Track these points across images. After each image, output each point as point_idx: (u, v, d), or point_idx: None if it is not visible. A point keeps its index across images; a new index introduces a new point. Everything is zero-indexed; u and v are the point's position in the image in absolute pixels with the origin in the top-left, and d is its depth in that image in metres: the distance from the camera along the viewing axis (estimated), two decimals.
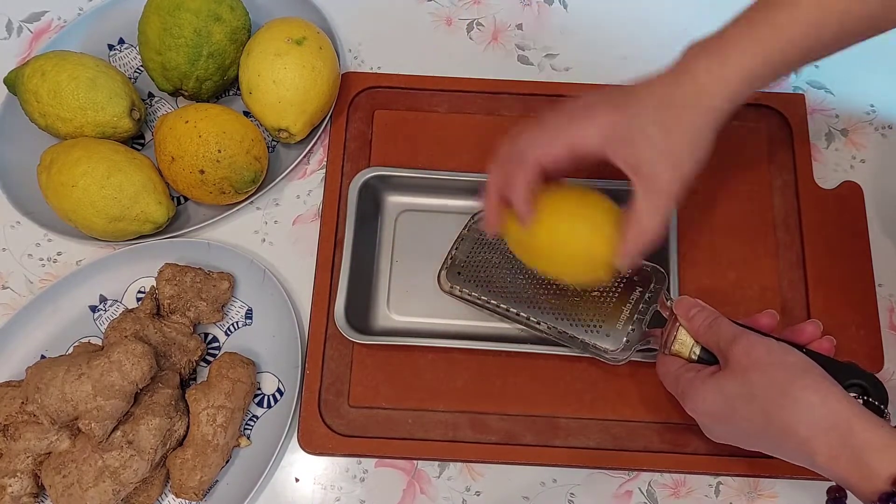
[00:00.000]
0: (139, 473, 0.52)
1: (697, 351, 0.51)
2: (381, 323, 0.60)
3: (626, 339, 0.54)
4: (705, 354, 0.50)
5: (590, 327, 0.54)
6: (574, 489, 0.56)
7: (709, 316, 0.50)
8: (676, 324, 0.51)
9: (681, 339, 0.51)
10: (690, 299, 0.51)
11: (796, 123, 0.65)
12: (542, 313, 0.55)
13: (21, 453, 0.53)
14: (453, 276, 0.58)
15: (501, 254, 0.58)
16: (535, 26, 0.71)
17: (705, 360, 0.50)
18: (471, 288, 0.57)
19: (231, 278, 0.60)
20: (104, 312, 0.60)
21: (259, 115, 0.62)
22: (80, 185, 0.57)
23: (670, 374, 0.51)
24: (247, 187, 0.61)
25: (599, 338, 0.54)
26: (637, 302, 0.55)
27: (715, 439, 0.51)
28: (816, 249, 0.61)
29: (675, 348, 0.51)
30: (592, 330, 0.54)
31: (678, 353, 0.51)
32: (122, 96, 0.62)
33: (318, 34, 0.63)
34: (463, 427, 0.57)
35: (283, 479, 0.57)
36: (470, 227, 0.59)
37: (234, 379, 0.55)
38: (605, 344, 0.54)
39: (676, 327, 0.51)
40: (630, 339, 0.54)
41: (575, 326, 0.55)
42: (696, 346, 0.51)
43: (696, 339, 0.51)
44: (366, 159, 0.64)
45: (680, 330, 0.51)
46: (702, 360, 0.51)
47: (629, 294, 0.55)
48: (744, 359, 0.46)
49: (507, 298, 0.56)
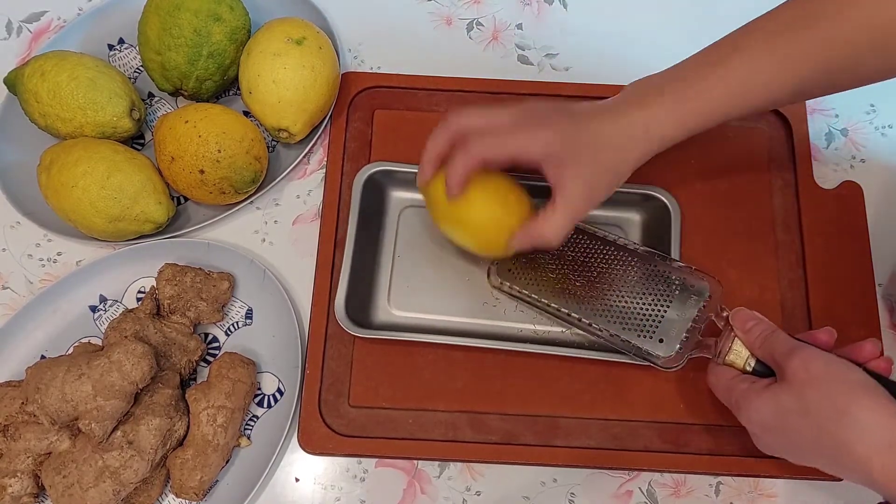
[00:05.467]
0: (139, 473, 0.52)
1: (752, 363, 0.50)
2: (382, 318, 0.60)
3: (679, 347, 0.53)
4: (760, 367, 0.50)
5: (643, 332, 0.54)
6: (574, 489, 0.56)
7: (766, 328, 0.50)
8: (732, 334, 0.51)
9: (736, 350, 0.51)
10: (748, 311, 0.52)
11: (796, 123, 0.65)
12: (594, 315, 0.55)
13: (21, 453, 0.53)
14: (503, 272, 0.57)
15: (553, 253, 0.57)
16: (535, 26, 0.71)
17: (759, 373, 0.50)
18: (521, 285, 0.57)
19: (231, 278, 0.60)
20: (104, 312, 0.60)
21: (259, 115, 0.62)
22: (80, 185, 0.57)
23: (723, 384, 0.51)
24: (247, 187, 0.61)
25: (652, 343, 0.54)
26: (692, 309, 0.54)
27: (765, 451, 0.51)
28: (816, 249, 0.61)
29: (730, 359, 0.51)
30: (645, 335, 0.54)
31: (732, 363, 0.51)
32: (122, 96, 0.62)
33: (318, 34, 0.63)
34: (463, 427, 0.57)
35: (283, 479, 0.57)
36: None
37: (234, 379, 0.55)
38: (658, 350, 0.53)
39: (732, 338, 0.51)
40: (683, 346, 0.53)
41: (627, 330, 0.54)
42: (751, 359, 0.51)
43: (752, 351, 0.51)
44: (366, 159, 0.64)
45: (735, 341, 0.51)
46: (756, 373, 0.50)
47: (684, 301, 0.54)
48: (801, 373, 0.46)
49: (558, 297, 0.56)
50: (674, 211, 0.60)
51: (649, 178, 0.62)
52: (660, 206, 0.61)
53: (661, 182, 0.62)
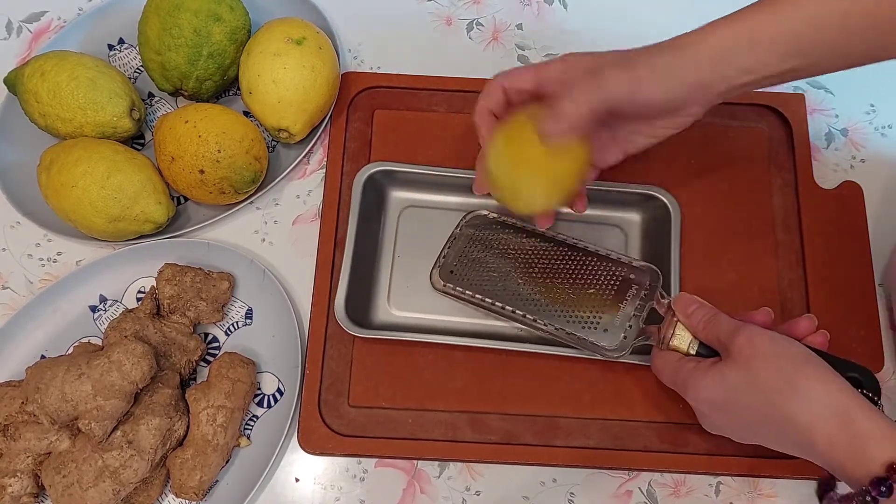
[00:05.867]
0: (139, 473, 0.52)
1: (696, 346, 0.51)
2: (382, 317, 0.60)
3: (623, 336, 0.54)
4: (703, 350, 0.51)
5: (587, 324, 0.55)
6: (574, 489, 0.56)
7: (708, 312, 0.51)
8: (674, 320, 0.52)
9: (679, 335, 0.52)
10: (689, 296, 0.52)
11: (796, 123, 0.65)
12: (538, 310, 0.56)
13: (21, 453, 0.53)
14: (446, 274, 0.58)
15: (495, 252, 0.58)
16: (535, 26, 0.71)
17: (703, 356, 0.51)
18: (465, 286, 0.57)
19: (231, 278, 0.60)
20: (104, 312, 0.60)
21: (259, 115, 0.62)
22: (80, 185, 0.57)
23: (669, 367, 0.52)
24: (247, 187, 0.61)
25: (596, 334, 0.54)
26: (633, 299, 0.55)
27: (712, 430, 0.51)
28: (816, 249, 0.61)
29: (673, 344, 0.52)
30: (589, 326, 0.55)
31: (676, 348, 0.52)
32: (122, 96, 0.62)
33: (318, 34, 0.63)
34: (463, 427, 0.57)
35: (283, 479, 0.57)
36: (462, 227, 0.60)
37: (234, 379, 0.55)
38: (603, 341, 0.54)
39: (674, 323, 0.52)
40: (627, 335, 0.54)
41: (572, 323, 0.55)
42: (694, 342, 0.52)
43: (696, 334, 0.51)
44: (366, 159, 0.64)
45: (678, 326, 0.52)
46: (700, 355, 0.51)
47: (625, 291, 0.55)
48: (746, 349, 0.47)
49: (501, 296, 0.56)
50: (674, 211, 0.60)
51: (649, 177, 0.62)
52: (660, 206, 0.61)
53: (661, 182, 0.62)
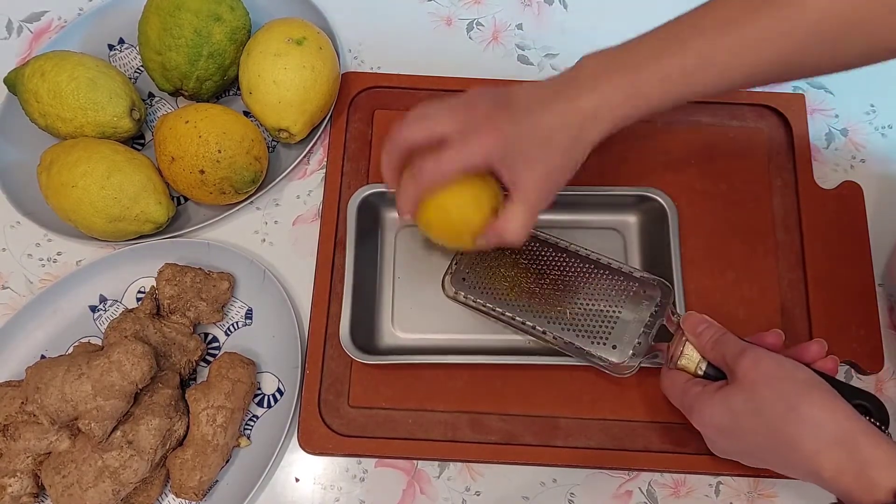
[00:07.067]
0: (139, 473, 0.52)
1: (704, 366, 0.51)
2: (387, 341, 0.59)
3: (631, 352, 0.54)
4: (711, 370, 0.51)
5: (596, 338, 0.54)
6: (574, 489, 0.56)
7: (716, 332, 0.50)
8: (683, 339, 0.52)
9: (687, 355, 0.51)
10: (698, 315, 0.52)
11: (796, 123, 0.65)
12: (547, 323, 0.55)
13: (21, 453, 0.53)
14: (458, 281, 0.57)
15: (508, 261, 0.57)
16: (535, 26, 0.72)
17: (711, 376, 0.51)
18: (476, 294, 0.57)
19: (231, 278, 0.60)
20: (104, 312, 0.60)
21: (259, 116, 0.62)
22: (80, 185, 0.57)
23: (676, 388, 0.52)
24: (247, 187, 0.61)
25: (605, 350, 0.54)
26: (643, 315, 0.55)
27: (720, 454, 0.51)
28: (816, 249, 0.61)
29: (681, 363, 0.52)
30: (598, 342, 0.54)
31: (684, 367, 0.52)
32: (122, 96, 0.62)
33: (318, 34, 0.63)
34: (463, 427, 0.57)
35: (283, 479, 0.57)
36: None
37: (234, 379, 0.55)
38: (611, 356, 0.54)
39: (683, 342, 0.52)
40: (636, 352, 0.54)
41: (581, 337, 0.54)
42: (702, 362, 0.51)
43: (703, 354, 0.51)
44: (366, 159, 0.64)
45: (687, 345, 0.52)
46: (707, 376, 0.51)
47: (636, 307, 0.55)
48: (751, 372, 0.47)
49: (511, 307, 0.56)
50: (671, 212, 0.60)
51: (648, 177, 0.62)
52: (657, 207, 0.61)
53: (660, 182, 0.62)
